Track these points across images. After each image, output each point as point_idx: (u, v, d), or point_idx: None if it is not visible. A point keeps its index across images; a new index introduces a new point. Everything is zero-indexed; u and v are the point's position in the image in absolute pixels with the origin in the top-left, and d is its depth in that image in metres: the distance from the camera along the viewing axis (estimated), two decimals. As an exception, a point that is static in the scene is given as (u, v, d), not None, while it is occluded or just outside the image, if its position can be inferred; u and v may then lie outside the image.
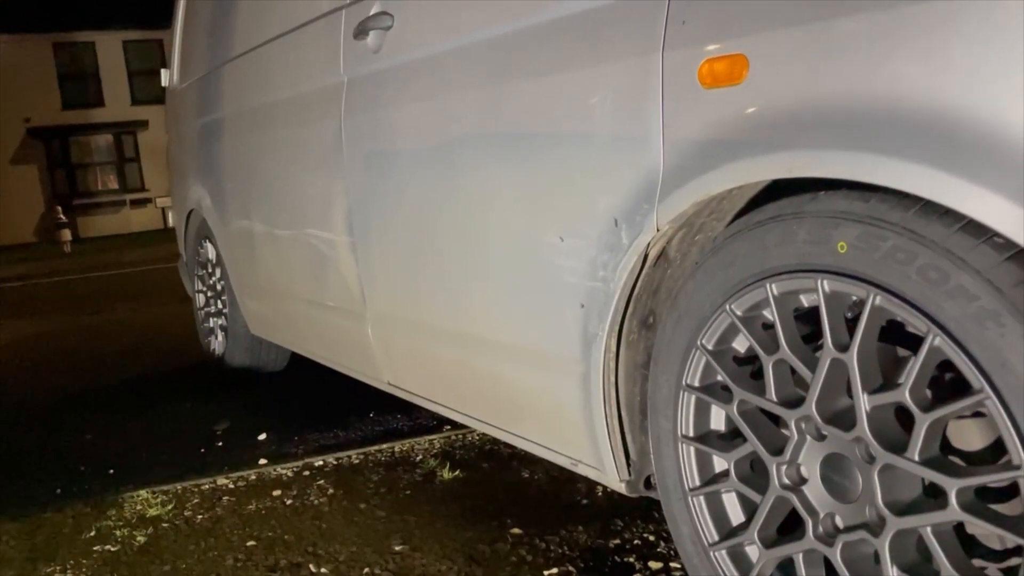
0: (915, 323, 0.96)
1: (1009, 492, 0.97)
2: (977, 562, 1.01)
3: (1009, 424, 0.87)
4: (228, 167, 3.00)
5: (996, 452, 1.00)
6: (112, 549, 1.95)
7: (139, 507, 2.17)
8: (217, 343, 3.52)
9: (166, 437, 2.79)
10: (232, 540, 1.94)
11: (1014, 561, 1.01)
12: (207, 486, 2.29)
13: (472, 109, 1.64)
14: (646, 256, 1.30)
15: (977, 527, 0.97)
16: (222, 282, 3.33)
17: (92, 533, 2.05)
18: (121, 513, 2.16)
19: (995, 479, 0.91)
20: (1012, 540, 0.93)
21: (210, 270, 3.47)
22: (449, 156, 1.72)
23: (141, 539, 1.99)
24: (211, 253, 3.41)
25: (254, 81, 2.73)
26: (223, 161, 3.04)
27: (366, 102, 2.01)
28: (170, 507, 2.16)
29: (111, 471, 2.50)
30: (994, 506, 0.96)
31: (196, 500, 2.20)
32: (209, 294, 3.55)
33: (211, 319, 3.57)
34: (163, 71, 3.73)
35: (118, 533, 2.03)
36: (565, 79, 1.38)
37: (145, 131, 23.01)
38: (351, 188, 2.11)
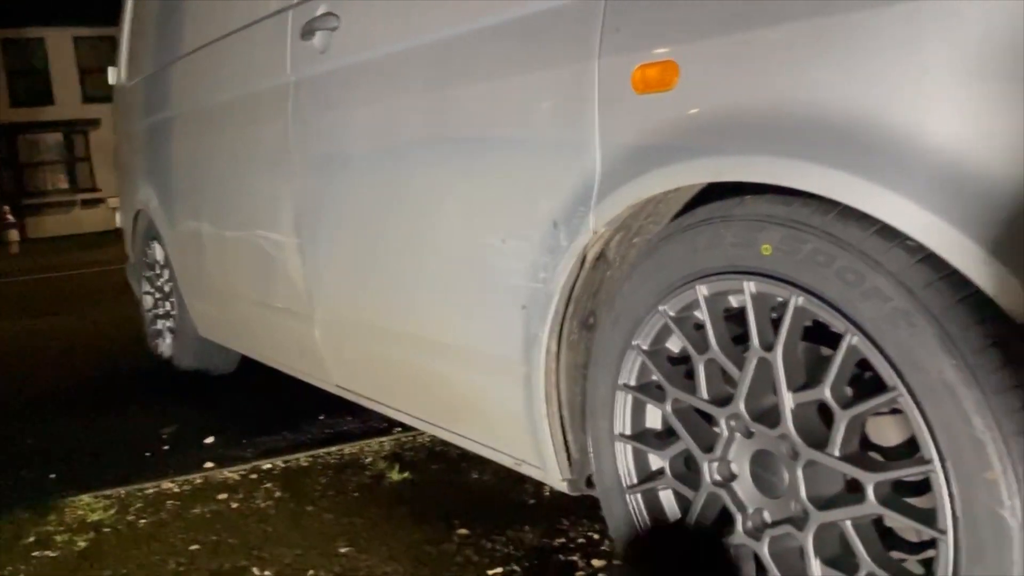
0: (834, 323, 0.99)
1: (924, 486, 1.01)
2: (895, 554, 1.05)
3: (921, 420, 0.91)
4: (176, 167, 2.96)
5: (912, 448, 1.03)
6: (52, 555, 1.92)
7: (80, 512, 2.14)
8: (165, 345, 3.47)
9: (111, 441, 2.74)
10: (175, 544, 1.92)
11: (930, 553, 1.05)
12: (151, 490, 2.26)
13: (417, 112, 1.65)
14: (584, 258, 1.32)
15: (894, 520, 1.00)
16: (170, 284, 3.28)
17: (32, 539, 2.01)
18: (62, 518, 2.12)
19: (909, 473, 0.95)
20: (928, 533, 0.97)
21: (158, 271, 3.42)
22: (395, 158, 1.73)
23: (82, 544, 1.96)
24: (159, 254, 3.36)
25: (202, 80, 2.70)
26: (171, 161, 3.00)
27: (313, 103, 2.01)
28: (113, 512, 2.13)
29: (52, 476, 2.46)
30: (910, 500, 1.00)
31: (140, 504, 2.17)
32: (157, 296, 3.50)
33: (159, 321, 3.52)
34: (110, 69, 3.68)
35: (59, 539, 2.00)
36: (508, 84, 1.40)
37: (97, 130, 22.53)
38: (299, 190, 2.11)
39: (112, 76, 3.68)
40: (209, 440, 2.66)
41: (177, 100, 2.94)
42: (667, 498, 1.31)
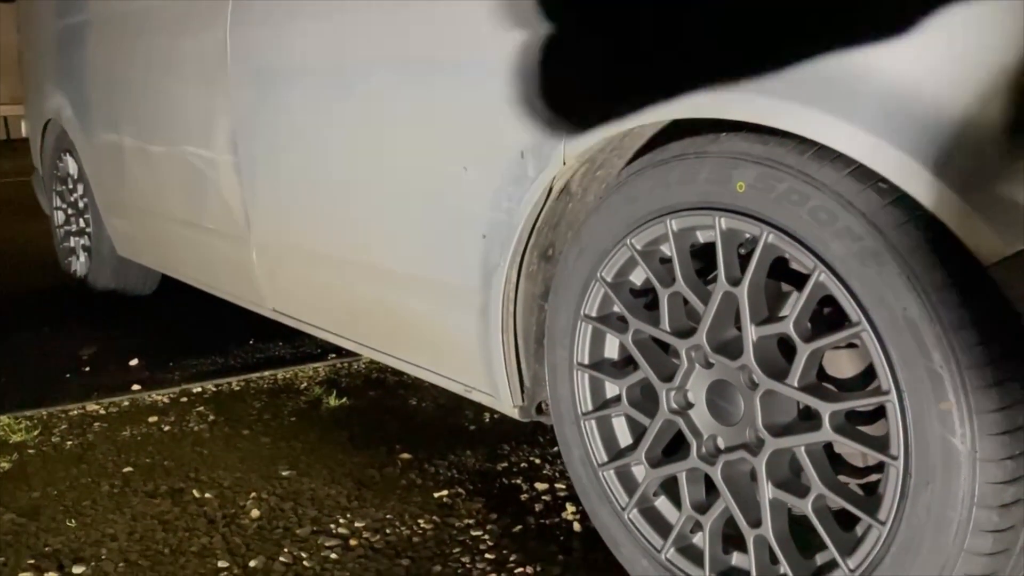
0: (803, 260, 1.03)
1: (874, 415, 1.07)
2: (842, 478, 1.12)
3: (881, 354, 0.96)
4: (93, 75, 2.78)
5: (865, 379, 1.10)
6: (-28, 477, 1.85)
7: (0, 433, 2.06)
8: (79, 264, 3.31)
9: (26, 362, 2.62)
10: (106, 466, 1.88)
11: (873, 477, 1.12)
12: (76, 412, 2.19)
13: (371, 29, 1.59)
14: (551, 189, 1.32)
15: (845, 447, 1.07)
16: (85, 199, 3.12)
17: (-52, 461, 1.93)
18: (-21, 440, 2.03)
19: (866, 403, 1.01)
20: (873, 458, 1.04)
21: (71, 186, 3.24)
22: (344, 76, 1.67)
23: (5, 465, 1.89)
24: (72, 168, 3.18)
25: (125, -18, 2.53)
26: (87, 68, 2.81)
27: (256, 14, 1.91)
28: (36, 433, 2.05)
29: (-36, 396, 2.35)
30: (861, 428, 1.07)
31: (64, 426, 2.10)
32: (70, 211, 3.32)
33: (72, 238, 3.35)
34: (14, -37, 3.39)
35: (-22, 460, 1.92)
36: (475, 3, 1.36)
37: (-19, 30, 20.81)
38: (236, 105, 2.02)
39: (16, -29, 3.40)
40: (133, 362, 2.57)
41: (96, 1, 2.75)
42: (620, 425, 1.36)
